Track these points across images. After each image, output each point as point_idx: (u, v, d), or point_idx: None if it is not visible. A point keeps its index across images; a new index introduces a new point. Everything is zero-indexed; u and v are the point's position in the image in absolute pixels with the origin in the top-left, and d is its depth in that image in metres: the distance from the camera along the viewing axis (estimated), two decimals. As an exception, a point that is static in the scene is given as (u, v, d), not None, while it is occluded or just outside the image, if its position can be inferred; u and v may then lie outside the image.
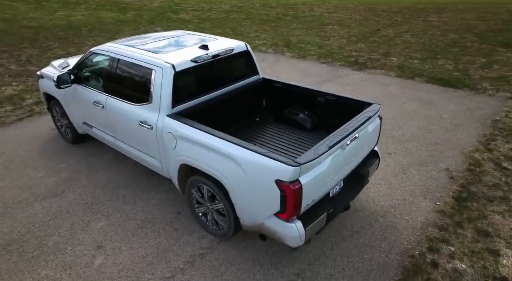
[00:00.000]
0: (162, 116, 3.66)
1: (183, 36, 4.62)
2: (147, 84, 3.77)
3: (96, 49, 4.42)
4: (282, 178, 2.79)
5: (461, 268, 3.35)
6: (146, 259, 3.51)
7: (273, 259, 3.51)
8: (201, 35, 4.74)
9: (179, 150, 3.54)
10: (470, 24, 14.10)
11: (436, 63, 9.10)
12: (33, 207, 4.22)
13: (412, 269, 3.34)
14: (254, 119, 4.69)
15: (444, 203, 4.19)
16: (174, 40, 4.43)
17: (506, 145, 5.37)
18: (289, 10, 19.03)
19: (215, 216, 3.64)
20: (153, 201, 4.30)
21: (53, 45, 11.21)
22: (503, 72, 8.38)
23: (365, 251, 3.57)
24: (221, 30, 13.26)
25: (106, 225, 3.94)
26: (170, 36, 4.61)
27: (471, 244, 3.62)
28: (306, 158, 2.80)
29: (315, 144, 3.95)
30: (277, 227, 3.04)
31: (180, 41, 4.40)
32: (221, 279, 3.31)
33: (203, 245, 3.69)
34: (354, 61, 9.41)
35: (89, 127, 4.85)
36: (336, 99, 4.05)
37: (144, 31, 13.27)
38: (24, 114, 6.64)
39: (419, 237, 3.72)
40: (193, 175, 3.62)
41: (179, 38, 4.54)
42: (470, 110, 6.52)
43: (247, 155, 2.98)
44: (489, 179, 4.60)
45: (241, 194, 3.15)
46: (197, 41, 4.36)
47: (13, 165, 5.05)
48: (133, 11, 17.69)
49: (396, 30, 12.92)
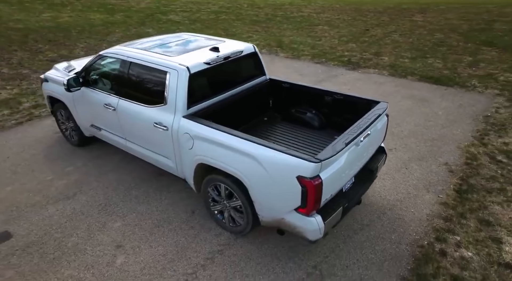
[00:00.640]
0: (178, 117, 3.75)
1: (191, 39, 4.70)
2: (162, 86, 3.84)
3: (105, 52, 4.46)
4: (304, 174, 2.92)
5: (467, 256, 3.55)
6: (166, 257, 3.60)
7: (289, 253, 3.65)
8: (208, 37, 4.84)
9: (196, 150, 3.64)
10: (454, 24, 14.56)
11: (426, 62, 9.42)
12: (47, 209, 4.24)
13: (422, 258, 3.53)
14: (262, 118, 4.82)
15: (446, 195, 4.41)
16: (183, 43, 4.51)
17: (499, 139, 5.65)
18: (278, 11, 19.21)
19: (232, 213, 3.75)
20: (166, 201, 4.38)
21: (43, 48, 11.07)
22: (490, 70, 8.74)
23: (376, 243, 3.74)
24: (212, 31, 13.32)
25: (122, 225, 4.00)
26: (178, 39, 4.69)
27: (475, 233, 3.83)
28: (326, 155, 2.95)
29: (324, 142, 4.14)
30: (298, 222, 3.17)
31: (189, 43, 4.48)
32: (242, 273, 3.42)
33: (221, 241, 3.79)
34: (347, 61, 9.64)
35: (97, 130, 4.88)
36: (343, 98, 4.21)
37: (135, 32, 13.22)
38: (23, 118, 6.58)
39: (426, 228, 3.91)
40: (210, 174, 3.72)
41: (187, 40, 4.63)
42: (462, 106, 6.81)
43: (267, 153, 3.11)
44: (486, 171, 4.85)
45: (261, 191, 3.27)
46: (206, 43, 4.45)
47: (19, 168, 5.04)
48: (121, 13, 17.55)
49: (384, 30, 13.25)
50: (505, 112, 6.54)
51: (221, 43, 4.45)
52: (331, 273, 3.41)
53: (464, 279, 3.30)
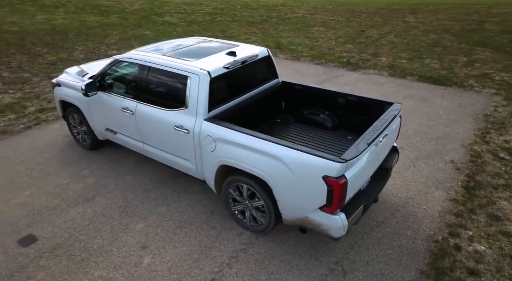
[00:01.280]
0: (199, 120, 3.84)
1: (205, 43, 4.80)
2: (183, 90, 3.93)
3: (122, 57, 4.52)
4: (330, 174, 3.05)
5: (481, 250, 3.73)
6: (192, 256, 3.69)
7: (311, 250, 3.77)
8: (222, 41, 4.94)
9: (218, 152, 3.74)
10: (445, 24, 14.88)
11: (423, 62, 9.66)
12: (68, 212, 4.29)
13: (438, 252, 3.69)
14: (275, 120, 4.94)
15: (455, 192, 4.59)
16: (198, 47, 4.60)
17: (500, 137, 5.87)
18: (272, 12, 19.36)
19: (254, 213, 3.86)
20: (185, 202, 4.47)
21: (42, 51, 11.01)
22: (485, 70, 9.01)
23: (393, 239, 3.89)
24: (210, 33, 13.40)
25: (145, 227, 4.08)
26: (193, 43, 4.77)
27: (485, 228, 4.01)
28: (350, 155, 3.08)
29: (338, 142, 4.28)
30: (322, 220, 3.30)
31: (204, 48, 4.57)
32: (267, 271, 3.53)
33: (243, 241, 3.90)
34: (346, 62, 9.83)
35: (112, 133, 4.94)
36: (357, 100, 4.36)
37: (132, 35, 13.22)
38: (30, 122, 6.58)
39: (439, 224, 4.08)
40: (232, 175, 3.83)
41: (202, 45, 4.72)
42: (462, 106, 7.03)
43: (293, 154, 3.22)
44: (490, 168, 5.05)
45: (286, 191, 3.39)
46: (221, 47, 4.55)
47: (34, 172, 5.06)
48: (115, 14, 17.50)
49: (379, 31, 13.50)
50: (504, 111, 6.78)
51: (236, 47, 4.56)
52: (353, 268, 3.55)
53: (480, 271, 3.47)
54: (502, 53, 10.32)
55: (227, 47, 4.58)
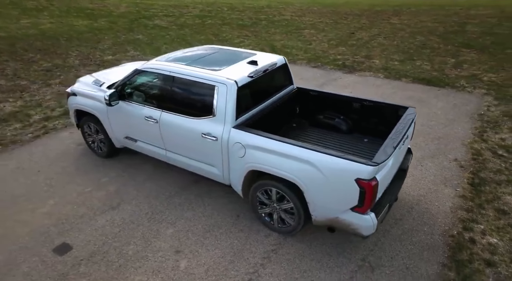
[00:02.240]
0: (228, 128, 4.00)
1: (223, 52, 4.92)
2: (210, 99, 4.08)
3: (144, 68, 4.61)
4: (363, 177, 3.27)
5: (493, 242, 4.03)
6: (226, 259, 3.84)
7: (338, 249, 3.99)
8: (237, 50, 5.10)
9: (248, 158, 3.90)
10: (429, 26, 15.45)
11: (415, 64, 10.07)
12: (96, 220, 4.36)
13: (456, 246, 3.97)
14: (292, 125, 5.14)
15: (462, 189, 4.90)
16: (218, 57, 4.72)
17: (496, 135, 6.25)
18: (259, 14, 19.55)
19: (283, 215, 4.04)
20: (210, 207, 4.60)
21: (35, 57, 10.85)
22: (473, 71, 9.49)
23: (412, 235, 4.16)
24: (203, 37, 13.49)
25: (175, 232, 4.20)
26: (211, 52, 4.89)
27: (495, 222, 4.33)
28: (381, 158, 3.31)
29: (356, 144, 4.52)
30: (353, 220, 3.51)
31: (224, 57, 4.70)
32: (300, 269, 3.73)
33: (272, 242, 4.08)
34: (342, 64, 10.13)
35: (132, 141, 5.02)
36: (373, 105, 4.60)
37: (125, 39, 13.16)
38: (38, 131, 6.55)
39: (452, 219, 4.37)
40: (260, 179, 4.00)
41: (220, 54, 4.84)
42: (457, 106, 7.42)
43: (325, 158, 3.42)
44: (492, 165, 5.40)
45: (317, 194, 3.59)
46: (240, 56, 4.70)
47: (54, 182, 5.09)
48: (103, 18, 17.31)
49: (369, 33, 13.91)
50: (496, 110, 7.20)
51: (254, 56, 4.72)
52: (379, 264, 3.79)
53: (496, 262, 3.76)
54: (487, 54, 10.86)
55: (245, 55, 4.74)
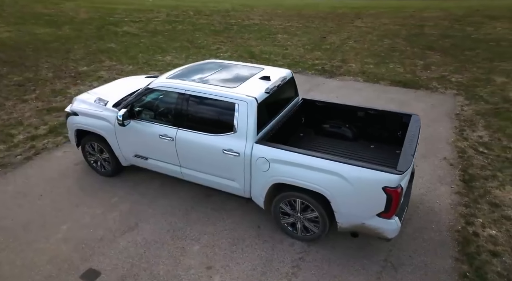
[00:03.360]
0: (250, 143, 4.12)
1: (231, 67, 5.02)
2: (230, 116, 4.17)
3: (156, 86, 4.59)
4: (390, 185, 3.53)
5: (493, 234, 4.47)
6: (257, 271, 3.96)
7: (359, 252, 4.24)
8: (243, 64, 5.22)
9: (272, 171, 4.05)
10: (392, 29, 16.32)
11: (389, 67, 10.66)
12: (118, 243, 4.30)
13: (463, 241, 4.36)
14: (299, 134, 5.34)
15: (456, 186, 5.36)
16: (227, 72, 4.81)
17: (474, 133, 6.85)
18: (228, 18, 19.63)
19: (307, 224, 4.23)
20: (229, 220, 4.69)
21: (2, 71, 10.26)
22: (441, 72, 10.23)
23: (423, 233, 4.50)
24: (178, 44, 13.36)
25: (201, 248, 4.25)
26: (219, 68, 4.97)
27: (490, 215, 4.79)
28: (405, 166, 3.59)
29: (364, 151, 4.80)
30: (379, 224, 3.77)
31: (235, 72, 4.81)
32: (330, 274, 3.93)
33: (297, 250, 4.25)
34: (322, 69, 10.51)
35: (142, 159, 4.98)
36: (377, 113, 4.91)
37: (97, 48, 12.73)
38: (28, 152, 6.25)
39: (454, 215, 4.78)
40: (284, 191, 4.16)
41: (230, 69, 4.93)
42: (435, 107, 8.00)
43: (352, 169, 3.65)
44: (476, 162, 5.93)
45: (344, 202, 3.81)
46: (250, 71, 4.83)
47: (61, 205, 4.92)
48: (66, 25, 16.59)
49: (339, 37, 14.47)
50: (469, 109, 7.86)
51: (263, 71, 4.87)
52: (400, 263, 4.08)
53: (499, 252, 4.19)
54: (449, 56, 11.71)
55: (253, 71, 4.87)
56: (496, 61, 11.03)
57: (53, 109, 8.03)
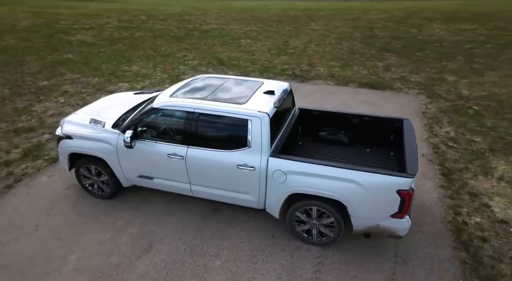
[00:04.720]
0: (265, 157, 4.27)
1: (232, 82, 5.10)
2: (243, 131, 4.28)
3: (162, 106, 4.54)
4: (403, 188, 3.87)
5: (478, 221, 5.03)
6: (282, 279, 4.12)
7: (371, 251, 4.56)
8: (241, 78, 5.32)
9: (290, 183, 4.22)
10: (346, 31, 17.23)
11: (353, 70, 11.29)
12: (137, 267, 4.21)
13: (456, 230, 4.85)
14: (297, 143, 5.57)
15: (439, 180, 5.91)
16: (229, 88, 4.91)
17: (442, 129, 7.55)
18: (184, 23, 19.43)
19: (322, 229, 4.46)
20: (243, 232, 4.79)
21: (-49, 89, 9.35)
22: (401, 73, 11.05)
23: (422, 226, 4.93)
24: (142, 52, 13.01)
25: (223, 263, 4.31)
26: (220, 83, 5.03)
27: (472, 204, 5.36)
28: (414, 170, 3.96)
29: (362, 155, 5.14)
30: (393, 224, 4.10)
31: (236, 87, 4.91)
32: (350, 275, 4.20)
33: (315, 255, 4.47)
34: (292, 74, 10.86)
35: (148, 179, 4.90)
36: (371, 119, 5.28)
37: (52, 59, 12.02)
38: (6, 180, 5.80)
39: (443, 207, 5.29)
40: (300, 200, 4.36)
41: (231, 84, 5.01)
42: (404, 106, 8.67)
43: (367, 175, 3.95)
44: (450, 156, 6.57)
45: (360, 207, 4.09)
46: (252, 86, 4.96)
47: (63, 234, 4.69)
48: (9, 34, 15.41)
49: (301, 41, 14.97)
50: (433, 107, 8.62)
51: (263, 85, 5.03)
52: (409, 257, 4.46)
53: (487, 237, 4.73)
54: (404, 58, 12.67)
55: (254, 84, 5.02)
56: (444, 61, 12.15)
57: (21, 129, 7.52)
